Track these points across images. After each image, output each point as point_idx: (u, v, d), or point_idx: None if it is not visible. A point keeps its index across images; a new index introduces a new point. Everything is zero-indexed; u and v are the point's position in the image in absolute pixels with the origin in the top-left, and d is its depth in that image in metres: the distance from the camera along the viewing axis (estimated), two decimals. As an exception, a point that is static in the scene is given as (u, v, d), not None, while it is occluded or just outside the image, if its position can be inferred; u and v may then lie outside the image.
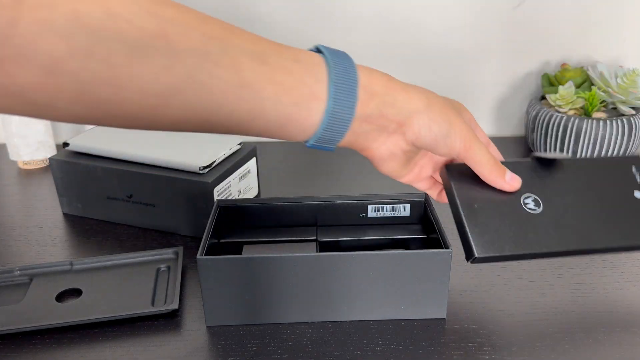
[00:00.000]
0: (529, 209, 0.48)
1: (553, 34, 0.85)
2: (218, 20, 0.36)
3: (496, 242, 0.45)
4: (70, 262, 0.54)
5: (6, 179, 0.75)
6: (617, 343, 0.45)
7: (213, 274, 0.45)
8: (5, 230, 0.63)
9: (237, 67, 0.35)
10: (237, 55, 0.35)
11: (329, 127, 0.40)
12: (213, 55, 0.34)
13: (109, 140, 0.64)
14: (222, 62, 0.34)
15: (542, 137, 0.78)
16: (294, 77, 0.38)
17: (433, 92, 0.44)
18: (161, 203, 0.60)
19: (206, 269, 0.44)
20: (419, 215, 0.56)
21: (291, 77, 0.38)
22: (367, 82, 0.41)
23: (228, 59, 0.35)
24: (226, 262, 0.44)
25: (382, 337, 0.46)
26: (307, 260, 0.45)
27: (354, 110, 0.40)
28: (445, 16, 0.82)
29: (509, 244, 0.45)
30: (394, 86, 0.42)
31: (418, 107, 0.42)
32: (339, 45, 0.47)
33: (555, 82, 0.81)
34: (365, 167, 0.78)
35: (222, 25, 0.36)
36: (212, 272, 0.45)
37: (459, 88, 0.87)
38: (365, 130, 0.42)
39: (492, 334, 0.47)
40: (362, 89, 0.40)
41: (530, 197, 0.48)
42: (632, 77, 0.75)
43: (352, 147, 0.44)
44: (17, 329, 0.46)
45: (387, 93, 0.42)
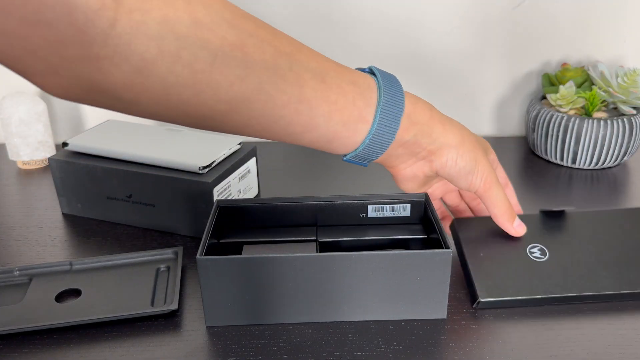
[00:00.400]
0: (534, 257, 0.51)
1: (553, 34, 0.84)
2: (287, 35, 0.38)
3: (500, 287, 0.48)
4: (69, 262, 0.54)
5: (5, 179, 0.75)
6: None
7: (213, 274, 0.45)
8: (4, 230, 0.63)
9: (300, 83, 0.37)
10: (302, 72, 0.37)
11: (369, 147, 0.43)
12: (281, 69, 0.36)
13: (109, 140, 0.64)
14: (288, 77, 0.37)
15: (543, 137, 0.78)
16: (346, 98, 0.40)
17: (467, 129, 0.48)
18: (161, 203, 0.60)
19: (206, 269, 0.44)
20: (419, 216, 0.56)
21: (344, 98, 0.40)
22: (412, 111, 0.44)
23: (293, 74, 0.37)
24: (226, 262, 0.44)
25: (382, 337, 0.46)
26: (307, 260, 0.45)
27: (394, 135, 0.43)
28: (445, 16, 0.82)
29: (513, 289, 0.48)
30: (434, 117, 0.45)
31: (451, 142, 0.46)
32: (339, 45, 0.48)
33: (556, 82, 0.81)
34: (361, 167, 0.78)
35: (290, 40, 0.38)
36: (212, 273, 0.44)
37: (459, 88, 0.87)
38: (399, 153, 0.45)
39: (492, 334, 0.46)
40: (406, 117, 0.43)
41: (537, 246, 0.52)
42: (632, 77, 0.75)
43: (382, 164, 0.48)
44: (16, 329, 0.46)
45: (427, 124, 0.45)
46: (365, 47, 0.83)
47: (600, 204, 0.68)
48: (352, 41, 0.83)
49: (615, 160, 0.77)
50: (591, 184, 0.74)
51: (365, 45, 0.83)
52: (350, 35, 0.82)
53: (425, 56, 0.85)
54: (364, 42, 0.83)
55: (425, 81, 0.86)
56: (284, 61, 0.36)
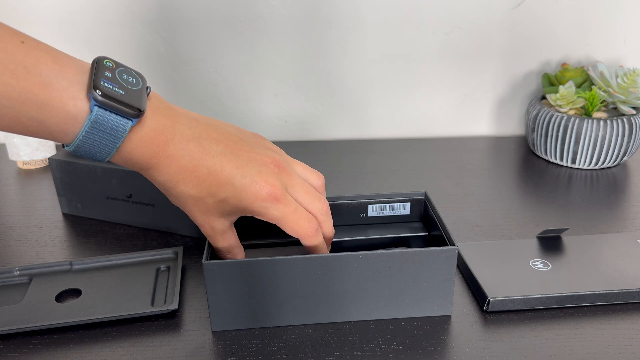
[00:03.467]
0: (537, 268, 0.53)
1: (553, 34, 0.84)
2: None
3: (507, 288, 0.50)
4: (69, 262, 0.54)
5: (6, 179, 0.75)
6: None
7: (218, 279, 0.44)
8: (4, 230, 0.63)
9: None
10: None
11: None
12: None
13: (109, 140, 0.64)
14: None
15: (543, 137, 0.78)
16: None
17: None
18: (161, 203, 0.60)
19: (212, 273, 0.44)
20: (419, 214, 0.56)
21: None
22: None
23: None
24: (232, 266, 0.44)
25: (382, 337, 0.46)
26: (314, 261, 0.45)
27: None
28: (445, 16, 0.82)
29: (519, 289, 0.49)
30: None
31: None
32: (339, 45, 0.48)
33: (556, 82, 0.81)
34: (364, 167, 0.78)
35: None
36: (218, 277, 0.44)
37: (459, 88, 0.87)
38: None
39: (492, 334, 0.46)
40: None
41: (539, 260, 0.53)
42: (632, 77, 0.75)
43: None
44: (16, 329, 0.46)
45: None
46: (365, 47, 0.83)
47: (600, 204, 0.68)
48: (351, 41, 0.83)
49: (615, 160, 0.77)
50: (591, 184, 0.74)
51: (365, 46, 0.83)
52: (350, 35, 0.82)
53: (425, 56, 0.85)
54: (364, 42, 0.83)
55: (425, 81, 0.87)
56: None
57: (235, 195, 0.43)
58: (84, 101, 0.37)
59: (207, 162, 0.42)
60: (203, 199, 0.43)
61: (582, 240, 0.57)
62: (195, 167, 0.42)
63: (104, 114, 0.37)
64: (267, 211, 0.43)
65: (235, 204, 0.43)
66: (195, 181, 0.42)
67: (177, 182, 0.42)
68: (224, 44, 0.82)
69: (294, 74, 0.85)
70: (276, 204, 0.43)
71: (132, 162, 0.41)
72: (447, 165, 0.79)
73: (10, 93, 0.34)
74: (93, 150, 0.38)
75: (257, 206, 0.43)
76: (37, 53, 0.36)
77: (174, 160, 0.41)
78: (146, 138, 0.40)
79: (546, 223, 0.63)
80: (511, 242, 0.57)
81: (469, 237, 0.61)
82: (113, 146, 0.38)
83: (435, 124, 0.90)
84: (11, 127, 0.36)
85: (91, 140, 0.38)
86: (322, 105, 0.87)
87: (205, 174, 0.42)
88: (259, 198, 0.43)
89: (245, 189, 0.43)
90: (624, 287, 0.50)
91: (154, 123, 0.40)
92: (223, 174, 0.42)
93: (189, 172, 0.42)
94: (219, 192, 0.43)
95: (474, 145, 0.86)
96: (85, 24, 0.79)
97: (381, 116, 0.89)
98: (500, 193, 0.71)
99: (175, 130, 0.41)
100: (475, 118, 0.90)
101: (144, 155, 0.40)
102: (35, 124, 0.36)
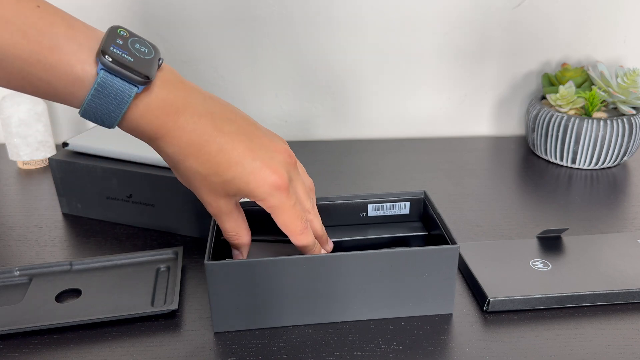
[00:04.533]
0: (537, 268, 0.53)
1: (553, 34, 0.84)
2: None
3: (507, 288, 0.50)
4: (69, 262, 0.54)
5: (6, 179, 0.75)
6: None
7: (221, 279, 0.44)
8: (4, 230, 0.63)
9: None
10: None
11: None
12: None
13: (109, 140, 0.64)
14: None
15: (543, 137, 0.78)
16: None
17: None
18: (161, 203, 0.60)
19: (214, 274, 0.44)
20: (419, 213, 0.56)
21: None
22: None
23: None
24: (234, 267, 0.44)
25: (382, 337, 0.46)
26: (317, 261, 0.45)
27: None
28: (445, 16, 0.82)
29: (519, 289, 0.49)
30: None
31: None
32: (339, 45, 0.47)
33: (556, 82, 0.81)
34: (364, 167, 0.78)
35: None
36: (220, 277, 0.44)
37: (459, 88, 0.87)
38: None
39: (492, 334, 0.46)
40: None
41: (539, 260, 0.53)
42: (632, 77, 0.75)
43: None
44: (16, 329, 0.45)
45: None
46: (365, 47, 0.83)
47: (600, 204, 0.68)
48: (352, 41, 0.83)
49: (615, 160, 0.77)
50: (591, 184, 0.74)
51: (365, 46, 0.83)
52: (350, 35, 0.82)
53: (425, 56, 0.85)
54: (364, 42, 0.83)
55: (425, 81, 0.87)
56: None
57: (243, 177, 0.42)
58: (92, 65, 0.37)
59: (219, 139, 0.42)
60: (209, 177, 0.42)
61: (582, 240, 0.57)
62: (207, 142, 0.41)
63: (109, 78, 0.37)
64: (269, 198, 0.43)
65: (241, 186, 0.43)
66: (205, 157, 0.42)
67: (186, 156, 0.42)
68: (224, 44, 0.82)
69: (294, 74, 0.85)
70: (279, 193, 0.43)
71: (139, 130, 0.41)
72: (447, 165, 0.79)
73: (20, 54, 0.35)
74: (100, 114, 0.39)
75: (262, 192, 0.43)
76: (52, 18, 0.37)
77: (184, 133, 0.41)
78: (154, 107, 0.40)
79: (546, 223, 0.63)
80: (511, 242, 0.57)
81: (469, 237, 0.61)
82: (118, 112, 0.39)
83: (435, 124, 0.90)
84: (24, 88, 0.38)
85: (97, 105, 0.38)
86: (322, 105, 0.87)
87: (216, 150, 0.42)
88: (265, 183, 0.42)
89: (254, 173, 0.42)
90: (624, 287, 0.50)
91: (163, 93, 0.40)
92: (234, 153, 0.42)
93: (199, 147, 0.41)
94: (227, 171, 0.42)
95: (474, 145, 0.86)
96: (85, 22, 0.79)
97: (381, 116, 0.89)
98: (500, 193, 0.71)
99: (188, 104, 0.41)
100: (475, 118, 0.90)
101: (152, 124, 0.40)
102: (45, 84, 0.37)
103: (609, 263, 0.53)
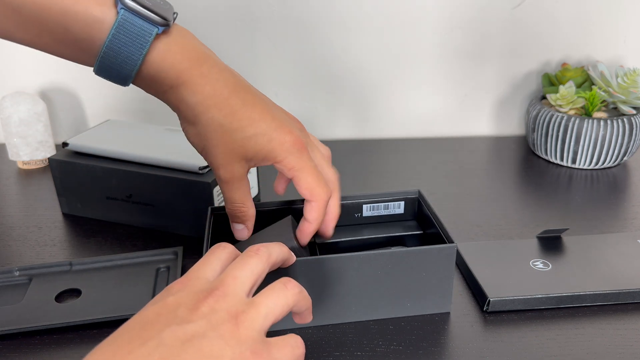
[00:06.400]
0: (538, 268, 0.53)
1: (553, 34, 0.84)
2: None
3: (507, 288, 0.50)
4: (69, 263, 0.54)
5: (6, 179, 0.75)
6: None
7: None
8: (4, 230, 0.63)
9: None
10: None
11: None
12: None
13: (109, 140, 0.64)
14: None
15: (543, 137, 0.78)
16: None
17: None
18: (161, 203, 0.60)
19: None
20: (413, 212, 0.56)
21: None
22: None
23: None
24: None
25: (382, 337, 0.46)
26: (314, 263, 0.45)
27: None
28: (445, 16, 0.82)
29: (519, 289, 0.49)
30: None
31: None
32: (339, 45, 0.47)
33: (556, 82, 0.81)
34: (364, 167, 0.78)
35: None
36: None
37: (459, 88, 0.87)
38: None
39: (492, 334, 0.46)
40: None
41: (539, 260, 0.53)
42: (632, 77, 0.75)
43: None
44: (16, 329, 0.46)
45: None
46: (365, 47, 0.83)
47: (600, 204, 0.68)
48: (352, 41, 0.83)
49: (615, 160, 0.77)
50: (591, 184, 0.74)
51: (365, 45, 0.83)
52: (351, 35, 0.82)
53: (425, 56, 0.85)
54: (364, 42, 0.83)
55: (425, 81, 0.86)
56: None
57: (266, 134, 0.42)
58: (110, 7, 0.37)
59: (242, 93, 0.41)
60: (231, 133, 0.41)
61: (582, 240, 0.57)
62: (230, 95, 0.41)
63: (130, 17, 0.37)
64: (290, 157, 0.42)
65: (263, 144, 0.42)
66: (228, 110, 0.41)
67: (209, 107, 0.41)
68: (224, 44, 0.82)
69: (294, 73, 0.85)
70: (301, 153, 0.42)
71: (161, 77, 0.40)
72: (447, 165, 0.79)
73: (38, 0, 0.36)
74: (119, 60, 0.38)
75: (284, 149, 0.42)
76: None
77: (208, 81, 0.40)
78: (175, 50, 0.39)
79: (546, 223, 0.63)
80: (511, 242, 0.57)
81: (469, 237, 0.61)
82: (139, 53, 0.38)
83: (435, 124, 0.90)
84: (40, 36, 0.37)
85: (117, 47, 0.37)
86: (322, 105, 0.87)
87: (240, 104, 0.41)
88: (286, 142, 0.42)
89: (276, 130, 0.42)
90: (624, 287, 0.50)
91: (183, 41, 0.40)
92: (256, 109, 0.42)
93: (223, 98, 0.41)
94: (250, 127, 0.41)
95: (474, 145, 0.86)
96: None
97: (381, 116, 0.89)
98: (500, 193, 0.71)
99: (209, 54, 0.41)
100: (475, 118, 0.90)
101: (174, 69, 0.39)
102: (62, 30, 0.37)
103: (609, 263, 0.53)
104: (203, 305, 0.30)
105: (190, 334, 0.28)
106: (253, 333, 0.30)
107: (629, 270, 0.52)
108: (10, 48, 0.80)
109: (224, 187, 0.44)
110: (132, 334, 0.28)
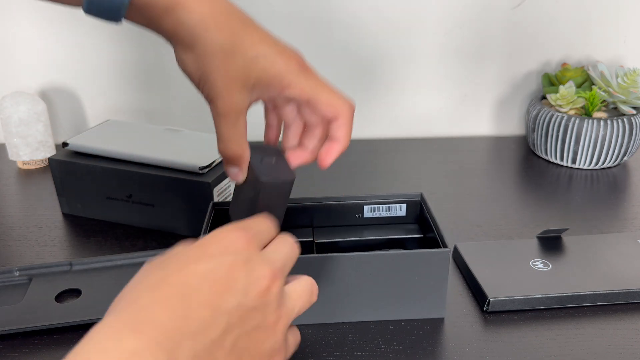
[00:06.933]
0: (538, 268, 0.53)
1: (553, 34, 0.84)
2: None
3: (507, 288, 0.50)
4: (69, 263, 0.54)
5: (6, 179, 0.75)
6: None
7: None
8: (4, 230, 0.63)
9: None
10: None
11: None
12: None
13: (109, 140, 0.64)
14: None
15: (543, 137, 0.78)
16: None
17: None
18: (161, 203, 0.60)
19: None
20: (415, 215, 0.56)
21: None
22: None
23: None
24: None
25: (382, 337, 0.46)
26: (307, 261, 0.45)
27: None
28: (445, 16, 0.82)
29: (519, 289, 0.49)
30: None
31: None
32: (339, 45, 0.47)
33: (556, 82, 0.81)
34: (364, 167, 0.78)
35: None
36: None
37: (459, 88, 0.87)
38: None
39: (492, 334, 0.46)
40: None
41: (539, 260, 0.53)
42: (632, 77, 0.75)
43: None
44: (16, 329, 0.46)
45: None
46: (365, 47, 0.83)
47: (600, 204, 0.68)
48: (352, 41, 0.83)
49: (615, 160, 0.77)
50: (591, 184, 0.74)
51: (365, 45, 0.83)
52: (350, 35, 0.82)
53: (425, 56, 0.85)
54: (364, 42, 0.83)
55: (425, 81, 0.86)
56: None
57: (269, 56, 0.39)
58: None
59: (241, 15, 0.40)
60: (232, 56, 0.38)
61: (582, 240, 0.57)
62: (229, 15, 0.39)
63: None
64: (300, 78, 0.40)
65: (266, 67, 0.39)
66: (228, 30, 0.38)
67: (209, 27, 0.38)
68: (224, 44, 0.82)
69: (294, 74, 0.85)
70: (308, 72, 0.40)
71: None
72: (447, 165, 0.79)
73: None
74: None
75: (289, 72, 0.40)
76: None
77: (205, 1, 0.38)
78: None
79: (546, 223, 0.63)
80: (511, 242, 0.57)
81: (469, 237, 0.61)
82: None
83: (435, 124, 0.90)
84: None
85: None
86: (322, 105, 0.87)
87: (240, 26, 0.39)
88: (291, 64, 0.40)
89: (279, 54, 0.40)
90: (624, 287, 0.50)
91: None
92: (257, 31, 0.40)
93: (222, 18, 0.39)
94: (252, 48, 0.39)
95: (474, 145, 0.86)
96: (86, 21, 0.79)
97: (381, 116, 0.89)
98: (500, 193, 0.71)
99: None
100: (476, 118, 0.90)
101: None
102: None
103: (609, 263, 0.53)
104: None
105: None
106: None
107: (629, 270, 0.52)
108: (10, 48, 0.80)
109: (221, 122, 0.40)
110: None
